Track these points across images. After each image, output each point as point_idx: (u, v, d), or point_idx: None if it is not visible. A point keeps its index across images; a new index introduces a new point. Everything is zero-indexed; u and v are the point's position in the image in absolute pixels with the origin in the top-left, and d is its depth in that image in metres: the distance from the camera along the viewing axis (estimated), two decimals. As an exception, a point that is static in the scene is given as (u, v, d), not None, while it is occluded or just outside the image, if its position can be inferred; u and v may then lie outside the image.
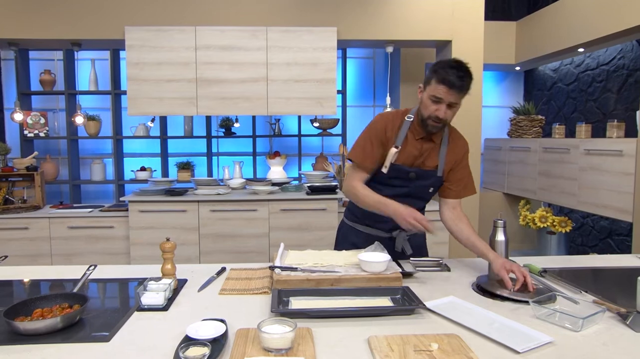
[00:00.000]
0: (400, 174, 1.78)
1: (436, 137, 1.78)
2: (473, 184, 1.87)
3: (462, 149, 1.82)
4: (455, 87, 1.58)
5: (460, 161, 1.80)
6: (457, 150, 1.80)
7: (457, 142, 1.81)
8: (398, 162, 1.77)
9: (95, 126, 4.08)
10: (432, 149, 1.78)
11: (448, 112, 1.64)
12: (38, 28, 3.37)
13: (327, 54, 3.59)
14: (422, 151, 1.77)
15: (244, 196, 3.61)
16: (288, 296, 1.46)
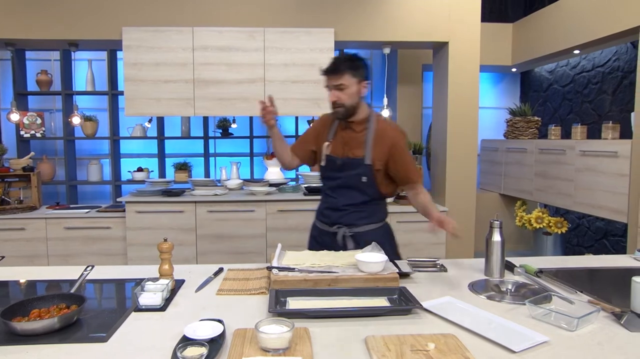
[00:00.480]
0: (332, 165, 1.93)
1: (357, 126, 1.90)
2: (414, 170, 1.95)
3: (392, 139, 1.89)
4: (329, 71, 1.82)
5: (393, 151, 1.88)
6: (385, 140, 1.87)
7: (386, 133, 1.89)
8: (331, 154, 1.93)
9: (92, 127, 4.07)
10: (357, 139, 1.89)
11: (337, 94, 1.82)
12: (35, 28, 3.36)
13: (325, 55, 3.59)
14: (348, 140, 1.91)
15: (242, 196, 3.62)
16: (285, 296, 1.46)
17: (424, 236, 3.81)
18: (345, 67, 1.79)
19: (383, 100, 4.00)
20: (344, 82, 1.79)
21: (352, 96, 1.82)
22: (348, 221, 1.93)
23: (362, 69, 1.84)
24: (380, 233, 1.97)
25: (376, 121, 1.91)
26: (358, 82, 1.83)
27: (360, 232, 1.93)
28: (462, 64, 3.76)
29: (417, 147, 4.13)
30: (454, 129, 3.82)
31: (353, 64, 1.81)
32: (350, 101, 1.83)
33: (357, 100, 1.85)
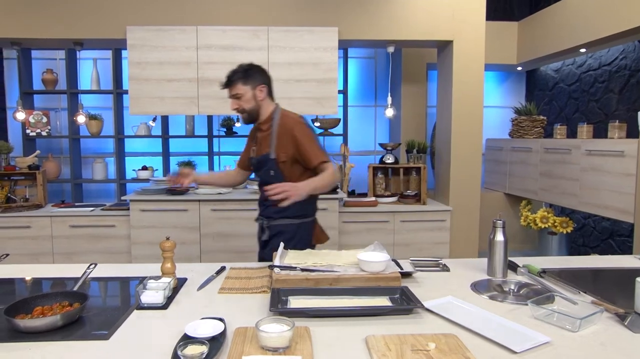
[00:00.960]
0: (252, 165, 2.15)
1: (263, 125, 2.07)
2: (318, 153, 1.99)
3: (291, 129, 2.00)
4: (224, 85, 2.03)
5: (294, 139, 1.98)
6: (287, 131, 1.99)
7: (286, 125, 2.01)
8: (250, 156, 2.16)
9: (97, 125, 4.09)
10: (265, 137, 2.05)
11: (236, 102, 2.02)
12: (40, 27, 3.38)
13: (328, 54, 3.59)
14: (260, 140, 2.09)
15: (245, 195, 3.62)
16: (287, 295, 1.47)
17: (428, 235, 3.81)
18: (235, 78, 1.99)
19: (387, 99, 3.99)
20: (238, 91, 1.99)
21: (249, 101, 2.00)
22: (266, 214, 2.12)
23: (255, 76, 2.02)
24: (293, 229, 2.08)
25: (280, 116, 2.05)
26: (252, 88, 2.00)
27: (274, 225, 2.09)
28: (467, 63, 3.74)
29: (421, 146, 4.11)
30: (458, 128, 3.80)
31: (243, 74, 2.00)
32: (249, 106, 2.01)
33: (255, 103, 2.02)
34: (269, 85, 2.08)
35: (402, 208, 3.84)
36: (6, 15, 3.37)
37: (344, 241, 3.71)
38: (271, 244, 2.06)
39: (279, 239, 1.97)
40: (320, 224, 2.26)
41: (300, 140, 1.97)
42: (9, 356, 1.11)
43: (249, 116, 2.05)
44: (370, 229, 3.78)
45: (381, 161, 4.13)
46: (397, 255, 3.75)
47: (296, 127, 1.99)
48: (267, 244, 2.11)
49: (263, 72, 2.07)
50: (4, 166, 3.60)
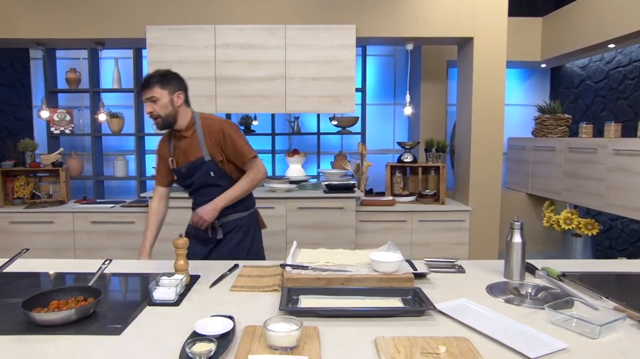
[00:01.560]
0: (180, 174, 2.09)
1: (186, 132, 2.04)
2: (246, 150, 2.04)
3: (216, 126, 2.02)
4: (141, 86, 1.97)
5: (222, 137, 2.01)
6: (213, 132, 2.02)
7: (212, 127, 2.03)
8: (175, 167, 2.08)
9: (119, 123, 4.17)
10: (192, 143, 2.03)
11: (151, 106, 1.95)
12: (64, 28, 3.47)
13: (346, 51, 3.56)
14: (185, 148, 2.04)
15: (262, 193, 3.63)
16: (298, 294, 1.46)
17: (446, 235, 3.75)
18: (154, 81, 1.94)
19: (405, 97, 3.94)
20: (154, 94, 1.93)
21: (165, 107, 1.95)
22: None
23: (172, 81, 1.98)
24: (245, 221, 2.16)
25: (201, 120, 2.05)
26: (170, 94, 1.96)
27: (227, 222, 2.11)
28: (488, 60, 3.66)
29: (440, 145, 4.05)
30: (478, 127, 3.73)
31: (162, 78, 1.95)
32: (164, 111, 1.96)
33: (171, 109, 1.97)
34: (186, 92, 2.05)
35: (420, 208, 3.79)
36: (32, 17, 3.46)
37: (360, 241, 3.68)
38: (227, 241, 2.12)
39: (235, 235, 2.11)
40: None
41: (233, 137, 2.02)
42: (24, 348, 1.14)
43: (163, 122, 1.98)
44: (387, 229, 3.75)
45: (399, 159, 4.08)
46: (414, 255, 3.71)
47: (225, 127, 2.03)
48: (221, 242, 2.12)
49: (180, 79, 2.04)
50: (29, 163, 3.70)
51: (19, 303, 1.28)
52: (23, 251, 1.79)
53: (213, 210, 1.99)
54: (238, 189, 2.02)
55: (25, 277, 1.69)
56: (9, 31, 3.45)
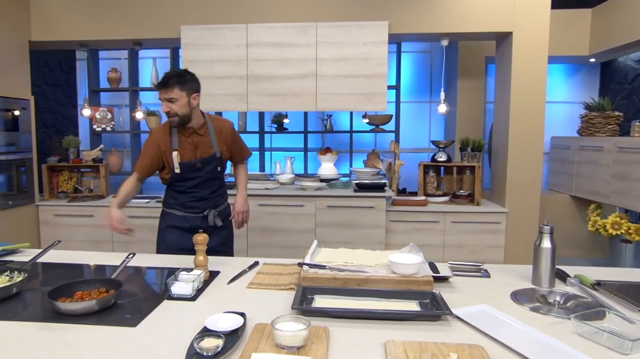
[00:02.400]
0: (190, 168, 2.16)
1: (201, 130, 2.17)
2: (246, 148, 2.44)
3: (227, 129, 2.27)
4: (160, 85, 2.02)
5: (232, 137, 2.28)
6: (224, 133, 2.24)
7: (222, 127, 2.25)
8: (184, 160, 2.14)
9: (156, 121, 4.31)
10: (205, 140, 2.18)
11: (170, 106, 2.02)
12: (103, 29, 3.62)
13: (378, 48, 3.51)
14: (197, 144, 2.16)
15: (292, 191, 3.65)
16: (313, 293, 1.45)
17: (481, 238, 3.62)
18: (173, 82, 2.00)
19: (440, 94, 3.83)
20: (174, 95, 2.00)
21: (183, 107, 2.04)
22: (214, 204, 2.27)
23: (190, 83, 2.06)
24: (229, 208, 2.42)
25: (212, 122, 2.22)
26: (188, 95, 2.04)
27: (222, 209, 2.33)
28: (528, 56, 3.49)
29: (476, 144, 3.91)
30: (517, 125, 3.57)
31: (181, 79, 2.03)
32: (182, 111, 2.04)
33: (188, 110, 2.07)
34: (200, 94, 2.14)
35: (453, 208, 3.68)
36: (75, 20, 3.64)
37: (390, 241, 3.62)
38: (223, 227, 2.31)
39: (228, 221, 2.37)
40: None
41: (239, 137, 2.36)
42: (47, 334, 1.19)
43: (180, 121, 2.06)
44: (419, 230, 3.67)
45: (433, 158, 3.98)
46: (447, 257, 3.61)
47: (232, 129, 2.29)
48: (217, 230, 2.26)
49: (197, 80, 2.12)
50: (72, 158, 3.90)
51: (45, 292, 1.34)
52: (55, 242, 1.87)
53: (246, 201, 2.40)
54: (246, 181, 2.46)
55: (59, 267, 1.78)
56: (55, 34, 3.64)
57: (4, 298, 1.41)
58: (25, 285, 1.50)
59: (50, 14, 3.63)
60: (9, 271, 1.54)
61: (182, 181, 2.18)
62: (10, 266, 1.68)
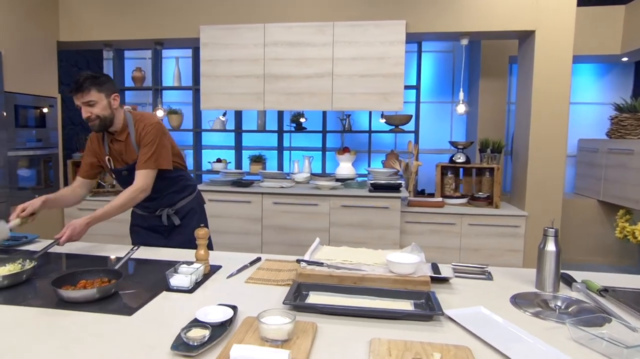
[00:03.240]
0: (120, 176, 2.07)
1: (120, 136, 2.00)
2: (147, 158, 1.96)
3: (141, 129, 1.98)
4: (75, 90, 1.88)
5: (141, 140, 1.98)
6: (137, 133, 1.99)
7: (138, 129, 1.99)
8: (115, 167, 2.06)
9: (178, 119, 4.41)
10: (127, 147, 2.01)
11: (90, 110, 1.89)
12: (126, 30, 3.74)
13: (395, 48, 3.48)
14: (120, 151, 2.02)
15: (307, 190, 3.66)
16: (309, 290, 1.45)
17: (499, 241, 3.54)
18: (89, 84, 1.87)
19: (459, 94, 3.77)
20: (92, 97, 1.88)
21: (104, 109, 1.92)
22: (167, 203, 2.14)
23: (107, 84, 1.93)
24: (195, 203, 2.26)
25: (134, 123, 2.01)
26: (107, 96, 1.92)
27: (180, 208, 2.18)
28: (551, 55, 3.39)
29: (496, 145, 3.82)
30: (538, 127, 3.47)
31: (96, 80, 1.89)
32: (103, 113, 1.92)
33: (110, 111, 1.94)
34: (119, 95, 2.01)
35: (471, 211, 3.61)
36: (99, 20, 3.77)
37: (405, 242, 3.59)
38: (185, 225, 2.17)
39: (192, 217, 2.20)
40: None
41: (146, 140, 1.97)
42: (48, 319, 1.24)
43: (101, 124, 1.93)
44: (434, 231, 3.62)
45: (451, 160, 3.92)
46: (463, 260, 3.54)
47: (148, 127, 1.98)
48: (178, 228, 2.17)
49: (112, 81, 1.99)
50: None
51: (50, 279, 1.40)
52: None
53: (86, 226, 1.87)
54: (114, 207, 1.93)
55: (70, 257, 1.85)
56: (81, 34, 3.79)
57: (14, 284, 1.48)
58: (35, 273, 1.57)
59: (78, 15, 3.78)
60: (21, 259, 1.61)
61: (123, 184, 2.09)
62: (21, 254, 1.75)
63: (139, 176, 1.95)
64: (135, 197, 1.95)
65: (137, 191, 1.95)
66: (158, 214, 2.15)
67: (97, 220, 1.89)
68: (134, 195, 1.94)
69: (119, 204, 1.93)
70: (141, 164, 1.95)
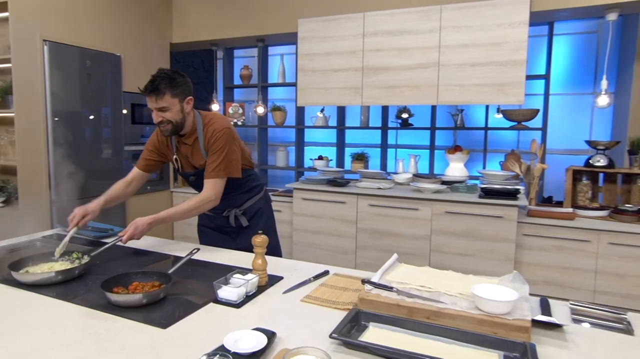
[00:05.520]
0: (188, 179, 2.04)
1: (188, 139, 1.92)
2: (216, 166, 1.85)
3: (210, 136, 1.88)
4: (150, 92, 1.77)
5: (211, 142, 1.87)
6: (207, 138, 1.89)
7: (207, 133, 1.89)
8: (183, 170, 2.02)
9: (281, 116, 4.41)
10: (194, 151, 1.93)
11: (162, 115, 1.81)
12: (229, 28, 3.83)
13: (516, 30, 2.96)
14: (188, 155, 1.95)
15: (406, 192, 3.34)
16: (369, 320, 1.20)
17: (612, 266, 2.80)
18: (164, 88, 1.77)
19: (602, 83, 3.07)
20: (165, 104, 1.79)
21: (177, 114, 1.83)
22: (235, 203, 2.06)
23: (182, 86, 1.82)
24: (262, 202, 2.15)
25: (203, 126, 1.91)
26: (181, 101, 1.82)
27: (247, 208, 2.08)
28: None
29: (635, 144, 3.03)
30: None
31: (172, 82, 1.78)
32: (176, 118, 1.83)
33: (182, 117, 1.85)
34: (193, 96, 1.88)
35: (613, 226, 2.92)
36: (206, 21, 3.93)
37: (522, 258, 3.06)
38: (252, 225, 2.08)
39: (260, 218, 2.11)
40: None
41: (216, 154, 1.87)
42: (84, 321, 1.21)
43: (173, 129, 1.85)
44: (561, 248, 3.01)
45: (587, 163, 3.23)
46: (599, 288, 2.90)
47: (216, 132, 1.88)
48: (245, 229, 2.08)
49: (189, 81, 1.86)
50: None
51: (100, 279, 1.37)
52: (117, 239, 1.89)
53: (149, 226, 1.79)
54: (180, 212, 1.86)
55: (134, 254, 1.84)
56: (190, 35, 3.99)
57: (68, 279, 1.48)
58: (89, 269, 1.57)
59: (187, 17, 3.99)
60: (78, 254, 1.63)
61: (195, 188, 2.05)
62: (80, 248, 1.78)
63: (208, 185, 1.87)
64: (203, 207, 1.88)
65: (205, 201, 1.86)
66: (225, 214, 2.08)
67: (160, 222, 1.83)
68: (201, 204, 1.87)
69: (184, 210, 1.86)
70: (210, 173, 1.86)
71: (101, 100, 3.59)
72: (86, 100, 3.47)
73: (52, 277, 1.44)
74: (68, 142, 3.35)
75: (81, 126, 3.48)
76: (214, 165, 1.86)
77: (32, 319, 1.22)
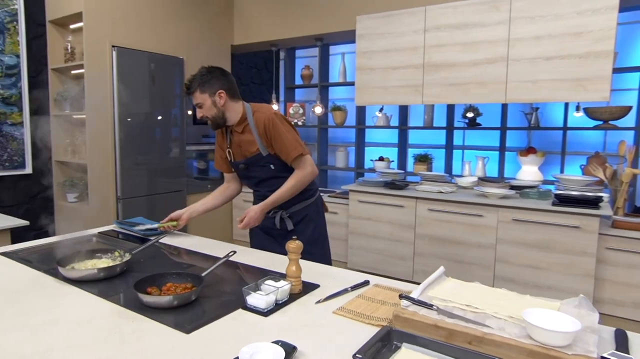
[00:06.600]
0: (238, 169, 2.06)
1: (238, 127, 1.96)
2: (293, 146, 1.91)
3: (261, 123, 1.91)
4: (186, 93, 1.93)
5: (268, 131, 1.90)
6: (259, 127, 1.92)
7: (260, 122, 1.92)
8: (235, 160, 2.05)
9: (342, 116, 4.34)
10: (246, 139, 1.96)
11: (199, 111, 1.93)
12: (288, 28, 3.82)
13: (601, 17, 2.62)
14: (240, 143, 1.99)
15: (470, 197, 3.11)
16: (402, 340, 1.09)
17: None
18: (194, 86, 1.88)
19: None
20: (198, 100, 1.89)
21: (210, 109, 1.90)
22: (281, 204, 1.99)
23: (211, 82, 1.88)
24: (313, 208, 2.09)
25: (252, 115, 1.95)
26: (211, 95, 1.88)
27: (295, 211, 2.04)
28: None
29: None
30: None
31: (201, 80, 1.88)
32: (211, 113, 1.91)
33: (217, 110, 1.91)
34: (230, 88, 1.92)
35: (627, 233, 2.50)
36: (265, 22, 3.95)
37: (604, 275, 2.72)
38: (298, 230, 2.04)
39: (307, 225, 2.06)
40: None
41: (279, 130, 1.91)
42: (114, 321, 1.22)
43: (214, 123, 1.95)
44: (652, 266, 2.63)
45: (688, 168, 2.79)
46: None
47: (268, 120, 1.91)
48: (292, 232, 2.03)
49: (221, 76, 1.91)
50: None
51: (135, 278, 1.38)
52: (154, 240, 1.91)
53: (262, 212, 1.92)
54: (284, 192, 1.93)
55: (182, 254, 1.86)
56: (250, 36, 4.05)
57: (110, 276, 1.51)
58: (132, 266, 1.61)
59: (248, 19, 4.05)
60: (120, 251, 1.67)
61: (244, 179, 2.10)
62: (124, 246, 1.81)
63: (300, 165, 1.93)
64: (302, 181, 1.95)
65: (302, 176, 1.94)
66: (272, 215, 2.05)
67: (271, 206, 1.94)
68: (299, 180, 1.94)
69: (287, 189, 1.93)
70: (292, 156, 1.90)
71: (165, 101, 3.77)
72: (150, 102, 3.66)
73: (94, 274, 1.48)
74: (133, 142, 3.55)
75: (146, 126, 3.67)
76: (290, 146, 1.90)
77: (65, 315, 1.25)
